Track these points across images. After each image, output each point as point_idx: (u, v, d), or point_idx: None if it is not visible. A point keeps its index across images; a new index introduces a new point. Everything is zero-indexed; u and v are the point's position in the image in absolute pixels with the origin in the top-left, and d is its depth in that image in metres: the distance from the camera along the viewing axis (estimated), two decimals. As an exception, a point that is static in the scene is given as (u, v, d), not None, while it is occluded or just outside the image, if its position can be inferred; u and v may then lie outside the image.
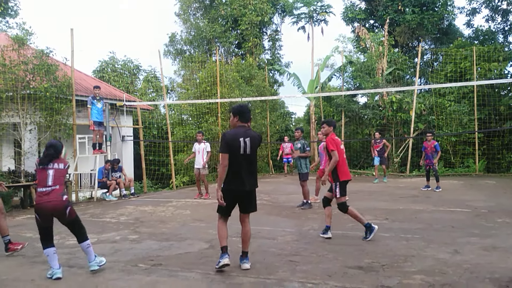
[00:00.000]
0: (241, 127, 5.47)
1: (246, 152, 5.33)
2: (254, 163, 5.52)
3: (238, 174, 5.33)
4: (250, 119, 5.61)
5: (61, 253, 6.44)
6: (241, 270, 5.39)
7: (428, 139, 13.37)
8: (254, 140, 5.42)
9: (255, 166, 5.61)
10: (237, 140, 5.31)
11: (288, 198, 12.15)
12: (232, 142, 5.30)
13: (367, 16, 25.27)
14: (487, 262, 5.47)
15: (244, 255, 5.53)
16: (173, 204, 11.74)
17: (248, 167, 5.38)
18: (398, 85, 20.70)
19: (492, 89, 19.18)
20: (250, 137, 5.39)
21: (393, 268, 5.35)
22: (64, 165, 5.66)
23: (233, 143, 5.30)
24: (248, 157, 5.38)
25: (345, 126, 21.08)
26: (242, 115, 5.49)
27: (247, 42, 26.52)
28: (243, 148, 5.31)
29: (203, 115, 18.89)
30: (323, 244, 6.66)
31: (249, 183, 5.38)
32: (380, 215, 9.04)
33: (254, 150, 5.46)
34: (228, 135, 5.41)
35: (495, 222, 8.00)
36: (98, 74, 25.69)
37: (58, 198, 5.41)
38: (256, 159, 5.66)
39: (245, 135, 5.37)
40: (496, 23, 25.28)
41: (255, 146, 5.45)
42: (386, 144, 16.06)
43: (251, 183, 5.42)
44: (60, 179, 5.54)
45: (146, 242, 7.12)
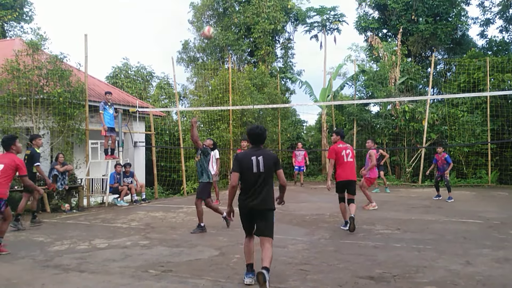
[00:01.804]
0: (253, 148, 5.45)
1: (260, 169, 5.23)
2: (268, 182, 5.33)
3: (250, 191, 5.24)
4: (263, 140, 5.48)
5: (72, 258, 6.51)
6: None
7: (439, 152, 13.55)
8: (267, 158, 5.30)
9: (270, 185, 5.39)
10: (248, 158, 5.27)
11: (299, 206, 12.12)
12: (243, 160, 5.29)
13: (380, 26, 25.23)
14: (500, 274, 5.41)
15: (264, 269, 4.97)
16: (183, 210, 11.77)
17: (262, 185, 5.25)
18: (411, 95, 20.59)
19: (506, 100, 19.00)
20: (263, 155, 5.30)
21: (404, 278, 5.30)
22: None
23: (245, 161, 5.27)
24: (262, 175, 5.25)
25: (357, 135, 21.00)
26: (251, 137, 5.47)
27: (259, 50, 26.60)
28: (256, 166, 5.23)
29: (214, 122, 18.96)
30: (334, 253, 6.62)
31: (262, 201, 5.24)
32: (392, 225, 8.97)
33: (269, 168, 5.30)
34: (240, 154, 5.54)
35: (508, 234, 7.91)
36: (111, 80, 25.89)
37: None
38: (272, 178, 5.43)
39: (257, 154, 5.31)
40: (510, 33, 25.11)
41: (269, 164, 5.29)
42: (382, 153, 16.09)
43: (265, 201, 5.26)
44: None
45: (156, 248, 7.14)
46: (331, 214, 10.40)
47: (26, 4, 25.00)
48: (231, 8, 27.29)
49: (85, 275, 5.67)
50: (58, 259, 6.48)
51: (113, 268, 5.97)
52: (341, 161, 8.49)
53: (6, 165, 6.99)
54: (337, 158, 8.52)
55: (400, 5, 23.11)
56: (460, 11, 23.93)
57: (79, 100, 13.39)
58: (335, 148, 8.58)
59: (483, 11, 25.49)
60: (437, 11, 23.06)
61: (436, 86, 23.38)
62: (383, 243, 7.22)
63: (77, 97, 13.31)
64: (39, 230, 8.96)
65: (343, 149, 8.57)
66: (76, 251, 7.00)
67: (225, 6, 27.28)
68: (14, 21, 24.57)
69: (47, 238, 8.11)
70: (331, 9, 26.46)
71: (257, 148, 5.40)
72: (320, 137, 24.11)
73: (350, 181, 8.54)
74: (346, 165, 8.50)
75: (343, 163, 8.48)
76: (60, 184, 11.81)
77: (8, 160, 7.05)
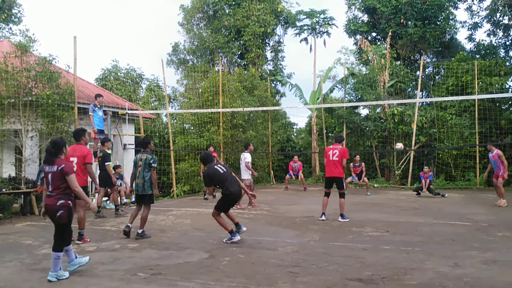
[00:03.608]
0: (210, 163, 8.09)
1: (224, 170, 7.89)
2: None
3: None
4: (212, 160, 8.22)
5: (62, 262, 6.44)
6: (241, 281, 5.38)
7: (425, 171, 14.92)
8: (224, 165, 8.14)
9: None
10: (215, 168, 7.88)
11: (289, 208, 12.13)
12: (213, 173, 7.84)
13: (369, 29, 25.38)
14: (488, 276, 5.46)
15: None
16: (173, 213, 11.73)
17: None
18: (400, 98, 20.75)
19: (493, 103, 19.22)
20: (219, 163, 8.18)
21: (393, 280, 5.33)
22: (58, 166, 5.64)
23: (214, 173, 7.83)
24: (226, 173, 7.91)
25: (347, 137, 21.07)
26: (204, 161, 8.27)
27: (249, 52, 26.62)
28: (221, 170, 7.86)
29: (205, 125, 18.93)
30: (323, 255, 6.64)
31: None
32: (381, 227, 9.02)
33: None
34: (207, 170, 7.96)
35: (496, 236, 7.99)
36: (100, 82, 25.75)
37: (54, 202, 5.60)
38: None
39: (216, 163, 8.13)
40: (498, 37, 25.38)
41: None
42: (363, 169, 16.23)
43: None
44: (57, 184, 5.61)
45: (145, 251, 7.11)
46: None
47: (15, 6, 24.74)
48: (221, 10, 27.28)
49: (73, 278, 5.63)
50: (46, 262, 6.42)
51: (101, 271, 5.94)
52: (327, 159, 9.87)
53: (79, 157, 7.87)
54: (325, 157, 10.00)
55: (389, 9, 23.28)
56: (448, 15, 24.16)
57: (68, 102, 13.29)
58: (325, 149, 10.13)
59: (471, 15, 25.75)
60: (425, 15, 23.26)
61: (424, 89, 23.57)
62: (372, 245, 7.26)
63: (66, 99, 13.20)
64: (27, 233, 8.87)
65: (330, 149, 9.89)
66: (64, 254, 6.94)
67: (215, 8, 27.26)
68: (2, 22, 24.30)
69: (35, 241, 8.04)
70: (320, 12, 26.54)
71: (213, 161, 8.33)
72: (310, 139, 24.17)
73: (333, 177, 9.80)
74: (330, 163, 9.78)
75: (328, 162, 9.83)
76: (49, 187, 11.69)
77: (80, 152, 7.91)
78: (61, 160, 5.73)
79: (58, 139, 5.85)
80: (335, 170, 9.73)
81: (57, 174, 5.61)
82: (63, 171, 5.59)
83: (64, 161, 5.76)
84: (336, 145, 9.90)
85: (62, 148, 5.82)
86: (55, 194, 5.62)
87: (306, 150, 25.26)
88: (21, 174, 12.78)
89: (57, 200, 5.58)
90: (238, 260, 6.42)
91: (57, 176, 5.61)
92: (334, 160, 9.72)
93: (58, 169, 5.60)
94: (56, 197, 5.60)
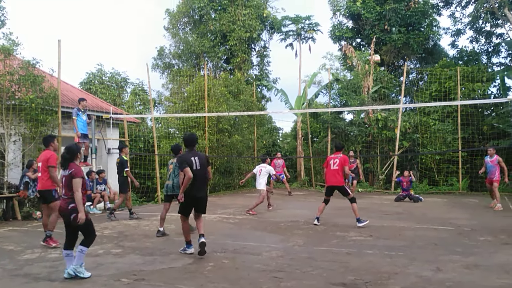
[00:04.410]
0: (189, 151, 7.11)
1: (197, 167, 6.91)
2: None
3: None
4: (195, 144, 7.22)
5: (42, 267, 6.40)
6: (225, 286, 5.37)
7: (406, 175, 15.10)
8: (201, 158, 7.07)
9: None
10: (190, 158, 6.93)
11: (274, 213, 12.15)
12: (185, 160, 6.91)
13: (354, 35, 25.63)
14: (469, 281, 5.52)
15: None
16: (157, 218, 11.58)
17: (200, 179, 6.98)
18: (384, 103, 20.96)
19: (476, 109, 19.51)
20: (198, 156, 7.04)
21: (376, 285, 5.37)
22: (69, 170, 5.90)
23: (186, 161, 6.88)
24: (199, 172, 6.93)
25: (331, 142, 21.20)
26: (185, 143, 7.23)
27: (235, 57, 26.66)
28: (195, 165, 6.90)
29: (190, 129, 18.87)
30: (307, 260, 6.66)
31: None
32: (365, 232, 9.08)
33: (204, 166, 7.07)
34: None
35: (478, 241, 8.09)
36: (85, 86, 25.55)
37: (65, 205, 5.83)
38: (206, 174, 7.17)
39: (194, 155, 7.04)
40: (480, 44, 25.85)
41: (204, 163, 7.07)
42: (358, 165, 16.32)
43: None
44: (69, 187, 5.86)
45: (129, 256, 7.06)
46: (305, 221, 10.46)
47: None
48: (207, 15, 27.31)
49: (56, 284, 5.57)
50: (28, 267, 6.35)
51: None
52: (327, 169, 9.94)
53: (43, 161, 8.05)
54: (325, 166, 10.11)
55: (374, 15, 23.54)
56: (432, 21, 24.54)
57: (51, 106, 13.17)
58: (327, 158, 10.25)
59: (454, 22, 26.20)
60: (409, 21, 23.58)
61: (408, 95, 23.85)
62: (356, 250, 7.31)
63: (49, 103, 13.07)
64: (9, 239, 8.75)
65: (331, 158, 9.96)
66: (47, 259, 6.87)
67: (201, 13, 27.27)
68: (-15, 25, 24.01)
69: (17, 246, 7.93)
70: (306, 18, 26.74)
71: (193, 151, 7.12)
72: (296, 144, 24.25)
73: (333, 186, 9.86)
74: (330, 172, 9.87)
75: (328, 171, 9.91)
76: (32, 192, 11.53)
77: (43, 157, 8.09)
78: (74, 165, 5.99)
79: (72, 146, 6.23)
80: (334, 179, 9.79)
81: (68, 178, 5.88)
82: (71, 174, 5.86)
83: (76, 165, 6.02)
84: (337, 153, 9.97)
85: (77, 154, 6.18)
86: (66, 197, 5.88)
87: (291, 155, 25.34)
88: (3, 179, 12.58)
89: (68, 204, 5.81)
90: (222, 265, 6.41)
91: (68, 180, 5.88)
92: (334, 169, 9.79)
93: (69, 173, 5.89)
94: (67, 200, 5.84)
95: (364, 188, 19.49)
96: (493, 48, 25.63)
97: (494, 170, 12.76)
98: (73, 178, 5.83)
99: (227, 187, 20.04)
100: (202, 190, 7.09)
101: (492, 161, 12.79)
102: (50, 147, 8.26)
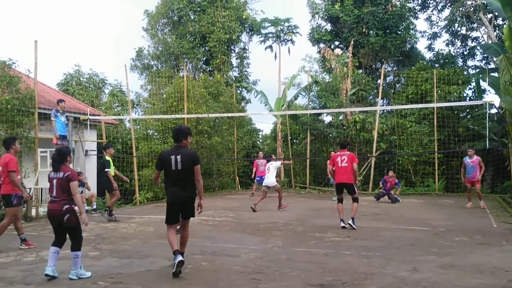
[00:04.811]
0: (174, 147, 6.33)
1: (178, 167, 6.10)
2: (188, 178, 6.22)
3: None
4: (182, 139, 6.30)
5: (18, 270, 6.29)
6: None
7: (390, 176, 15.17)
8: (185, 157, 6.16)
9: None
10: (169, 157, 6.15)
11: (254, 215, 12.16)
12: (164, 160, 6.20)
13: (332, 38, 25.84)
14: (445, 280, 5.62)
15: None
16: (136, 220, 11.56)
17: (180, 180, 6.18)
18: (361, 105, 21.20)
19: (452, 111, 19.88)
20: (182, 154, 6.15)
21: (353, 285, 5.43)
22: (64, 173, 5.95)
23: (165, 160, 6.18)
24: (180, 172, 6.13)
25: (311, 144, 21.35)
26: (173, 137, 6.47)
27: (215, 59, 26.60)
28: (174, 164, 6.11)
29: (169, 130, 18.76)
30: (286, 261, 6.69)
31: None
32: (343, 232, 9.17)
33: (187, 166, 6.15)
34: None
35: (453, 241, 8.23)
36: (62, 87, 25.20)
37: (59, 207, 5.89)
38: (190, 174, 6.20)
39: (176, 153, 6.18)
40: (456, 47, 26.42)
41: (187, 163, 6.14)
42: None
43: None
44: (62, 189, 5.93)
45: (106, 259, 6.99)
46: (284, 222, 10.50)
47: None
48: (186, 16, 27.18)
49: (32, 287, 5.48)
50: (3, 271, 6.23)
51: (60, 280, 5.80)
52: (336, 166, 9.93)
53: (2, 165, 7.85)
54: (331, 164, 10.17)
55: (352, 18, 23.78)
56: (409, 25, 24.91)
57: (28, 107, 12.94)
58: (331, 156, 10.32)
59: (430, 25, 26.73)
60: (387, 25, 23.88)
61: (385, 97, 24.16)
62: (334, 251, 7.37)
63: (26, 104, 12.85)
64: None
65: (338, 156, 9.96)
66: (23, 263, 6.75)
67: (180, 14, 27.14)
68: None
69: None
70: (285, 20, 26.88)
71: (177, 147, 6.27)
72: (275, 145, 24.31)
73: (342, 183, 9.86)
74: (339, 169, 9.87)
75: (337, 168, 9.89)
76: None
77: (3, 161, 7.86)
78: (67, 167, 6.06)
79: (63, 148, 6.35)
80: (344, 177, 9.80)
81: (62, 180, 5.93)
82: (68, 177, 5.92)
83: (69, 168, 6.08)
84: (343, 151, 10.00)
85: (67, 156, 6.17)
86: (59, 199, 5.91)
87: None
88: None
89: (62, 205, 5.88)
90: (201, 267, 6.39)
91: (62, 182, 5.92)
92: (343, 166, 9.80)
93: (64, 176, 5.93)
94: (61, 202, 5.90)
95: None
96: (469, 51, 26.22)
97: (474, 170, 12.94)
98: (71, 181, 5.91)
99: (206, 189, 19.96)
100: (183, 191, 6.13)
101: (473, 161, 12.96)
102: (11, 150, 8.04)
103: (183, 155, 6.12)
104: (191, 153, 6.27)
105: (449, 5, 25.09)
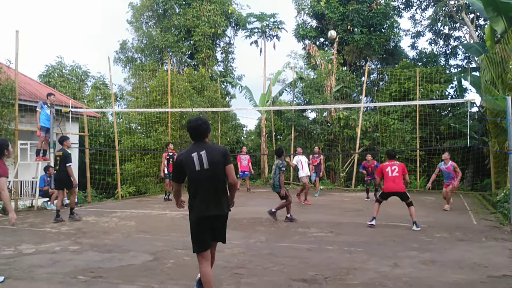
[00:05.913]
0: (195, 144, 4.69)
1: (204, 167, 4.47)
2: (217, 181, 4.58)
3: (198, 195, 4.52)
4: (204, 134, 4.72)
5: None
6: (185, 283, 5.33)
7: (368, 159, 14.96)
8: (212, 153, 4.54)
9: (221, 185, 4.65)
10: (189, 156, 4.52)
11: (237, 210, 12.07)
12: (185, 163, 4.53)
13: (317, 34, 25.88)
14: (426, 276, 5.67)
15: None
16: (117, 214, 11.45)
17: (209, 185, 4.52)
18: (345, 102, 21.31)
19: (434, 109, 20.10)
20: (206, 150, 4.54)
21: (335, 280, 5.45)
22: None
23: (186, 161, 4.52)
24: (206, 172, 4.48)
25: (295, 140, 21.39)
26: (189, 132, 4.75)
27: (200, 53, 26.44)
28: (198, 164, 4.48)
29: (152, 124, 18.62)
30: (269, 256, 6.69)
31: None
32: (325, 228, 9.21)
33: (216, 164, 4.51)
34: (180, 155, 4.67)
35: (434, 237, 8.33)
36: (44, 78, 24.81)
37: None
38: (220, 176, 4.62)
39: (199, 149, 4.56)
40: (439, 46, 26.70)
41: (216, 160, 4.51)
42: (321, 161, 16.45)
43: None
44: None
45: (87, 253, 6.90)
46: (267, 218, 10.50)
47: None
48: (171, 10, 26.96)
49: (9, 282, 5.38)
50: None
51: (39, 274, 5.71)
52: (385, 176, 9.79)
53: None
54: (379, 175, 10.03)
55: (337, 15, 23.83)
56: (393, 23, 25.08)
57: (8, 98, 12.73)
58: (378, 167, 10.18)
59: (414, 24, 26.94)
60: (371, 22, 23.99)
61: (369, 94, 24.32)
62: (317, 246, 7.39)
63: (6, 95, 12.64)
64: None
65: (388, 166, 9.80)
66: (1, 257, 6.62)
67: (165, 7, 26.91)
68: None
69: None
70: (270, 16, 26.84)
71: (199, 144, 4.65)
72: (260, 141, 24.31)
73: (394, 192, 9.76)
74: (390, 179, 9.72)
75: (387, 178, 9.75)
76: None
77: None
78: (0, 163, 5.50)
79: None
80: (396, 186, 9.67)
81: None
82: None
83: (1, 163, 5.55)
84: (392, 161, 9.88)
85: (4, 150, 5.60)
86: None
87: (255, 152, 25.39)
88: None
89: None
90: (183, 262, 6.35)
91: None
92: (394, 176, 9.68)
93: None
94: None
95: (326, 185, 19.75)
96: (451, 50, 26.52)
97: (451, 176, 12.72)
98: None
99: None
100: (214, 203, 4.59)
101: (448, 168, 12.72)
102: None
103: (210, 150, 4.54)
104: (221, 149, 4.66)
105: (432, 5, 25.30)
